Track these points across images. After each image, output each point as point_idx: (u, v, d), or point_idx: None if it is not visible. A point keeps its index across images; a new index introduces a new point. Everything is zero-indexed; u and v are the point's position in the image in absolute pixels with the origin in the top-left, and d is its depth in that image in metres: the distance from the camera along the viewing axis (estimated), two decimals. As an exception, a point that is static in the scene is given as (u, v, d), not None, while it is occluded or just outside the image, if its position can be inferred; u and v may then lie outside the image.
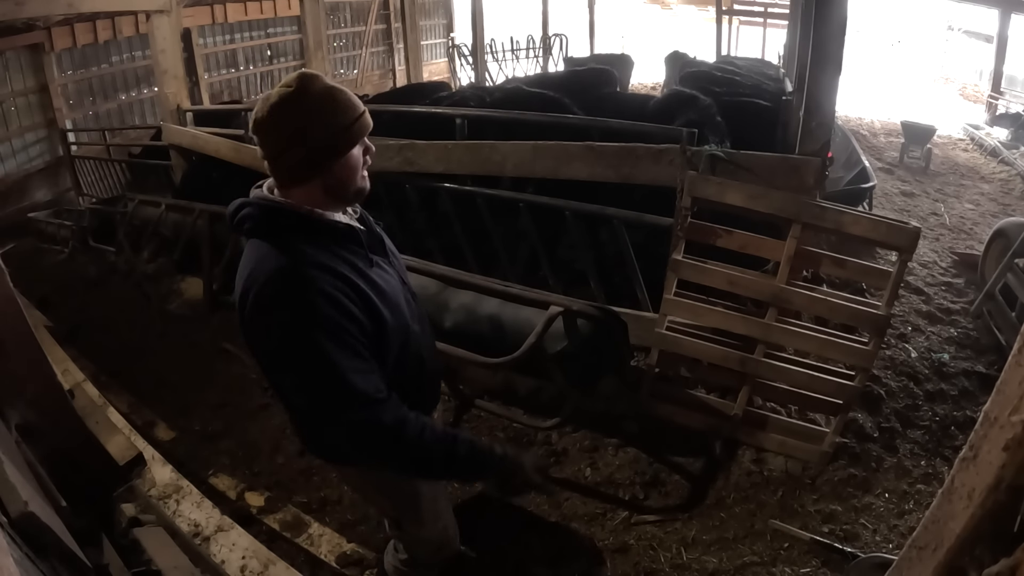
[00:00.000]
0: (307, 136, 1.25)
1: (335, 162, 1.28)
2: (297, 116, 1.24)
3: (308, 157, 1.26)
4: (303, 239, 1.27)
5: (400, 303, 1.40)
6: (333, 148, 1.27)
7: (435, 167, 3.59)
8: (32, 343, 2.25)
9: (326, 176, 1.29)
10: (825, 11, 2.61)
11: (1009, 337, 3.44)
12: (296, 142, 1.25)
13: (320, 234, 1.30)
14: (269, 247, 1.26)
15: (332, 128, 1.26)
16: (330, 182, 1.30)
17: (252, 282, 1.24)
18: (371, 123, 1.33)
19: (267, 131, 1.26)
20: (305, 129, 1.24)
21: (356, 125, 1.29)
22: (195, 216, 4.50)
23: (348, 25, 12.56)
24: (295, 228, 1.28)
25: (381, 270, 1.39)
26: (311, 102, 1.24)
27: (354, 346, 1.24)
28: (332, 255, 1.28)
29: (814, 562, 2.23)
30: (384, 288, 1.35)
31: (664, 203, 2.95)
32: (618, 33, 17.08)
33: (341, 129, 1.27)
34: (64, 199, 7.78)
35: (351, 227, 1.35)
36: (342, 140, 1.27)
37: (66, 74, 8.10)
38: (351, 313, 1.24)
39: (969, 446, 0.91)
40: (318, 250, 1.26)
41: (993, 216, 6.04)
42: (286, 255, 1.24)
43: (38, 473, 2.06)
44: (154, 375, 3.68)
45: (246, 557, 2.22)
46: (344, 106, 1.27)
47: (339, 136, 1.27)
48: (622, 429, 2.84)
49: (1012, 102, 10.43)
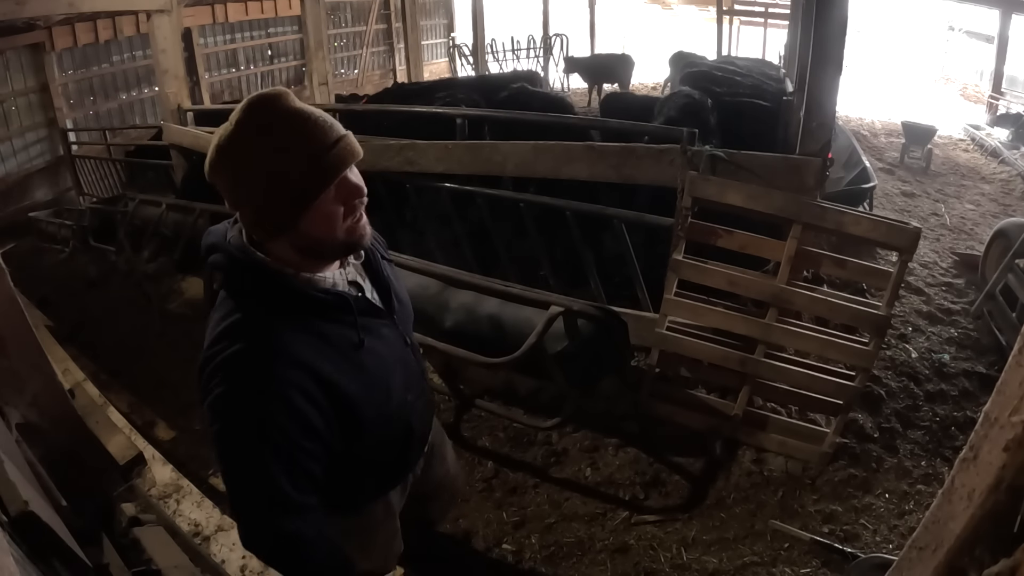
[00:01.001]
0: (248, 189, 1.00)
1: (299, 216, 1.00)
2: (234, 164, 0.99)
3: (257, 217, 1.02)
4: (277, 310, 1.04)
5: (390, 383, 1.20)
6: (286, 200, 0.99)
7: (436, 167, 3.59)
8: (32, 342, 2.25)
9: (291, 235, 1.03)
10: (826, 11, 2.61)
11: (1010, 338, 3.44)
12: (241, 198, 1.01)
13: (297, 306, 1.06)
14: (236, 317, 1.04)
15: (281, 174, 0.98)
16: (299, 242, 1.04)
17: (209, 355, 1.03)
18: (350, 153, 1.02)
19: (215, 182, 1.02)
20: (244, 181, 0.99)
21: (323, 162, 0.99)
22: (196, 215, 4.50)
23: (349, 25, 12.57)
24: (268, 295, 1.04)
25: (375, 339, 1.17)
26: (249, 144, 0.98)
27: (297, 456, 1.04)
28: (309, 336, 1.05)
29: (814, 562, 2.23)
30: (371, 370, 1.14)
31: (665, 210, 2.95)
32: (619, 33, 17.07)
33: (298, 172, 0.98)
34: (64, 199, 7.80)
35: (340, 296, 1.11)
36: (299, 187, 0.98)
37: (67, 73, 8.11)
38: (307, 423, 1.03)
39: (969, 447, 0.91)
40: (293, 330, 1.04)
41: (994, 217, 6.03)
42: (249, 336, 1.02)
43: (38, 472, 2.06)
44: (154, 375, 3.68)
45: (246, 557, 2.22)
46: (299, 138, 0.98)
47: (294, 182, 0.98)
48: (622, 429, 2.84)
49: (1013, 103, 10.42)
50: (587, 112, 9.21)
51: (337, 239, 1.06)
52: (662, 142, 3.02)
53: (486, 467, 2.74)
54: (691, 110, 3.88)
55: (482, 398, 3.01)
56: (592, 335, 2.50)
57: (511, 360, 2.52)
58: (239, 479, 1.05)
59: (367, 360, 1.13)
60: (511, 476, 2.68)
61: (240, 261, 1.04)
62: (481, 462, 2.77)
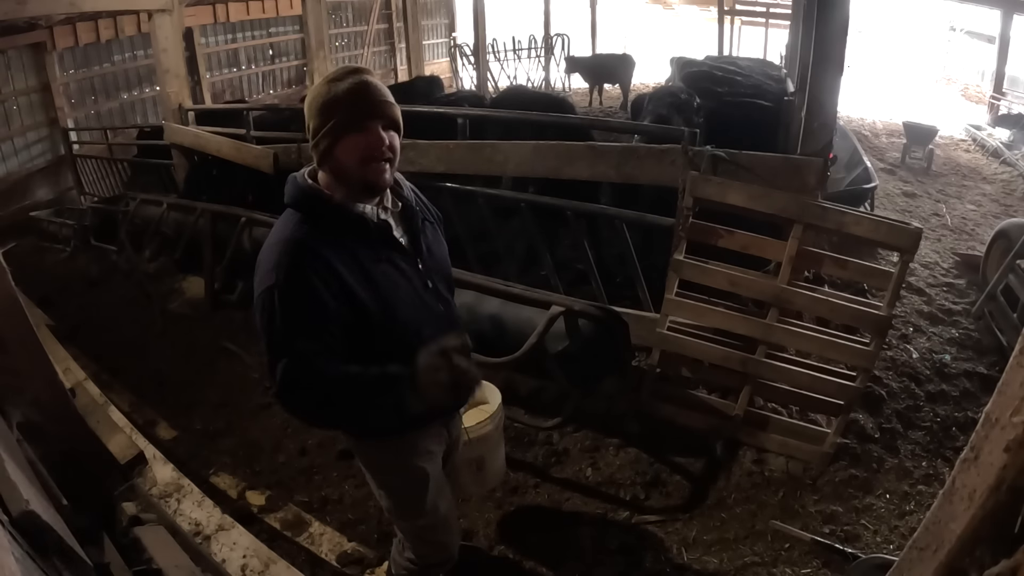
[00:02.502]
0: (314, 122, 1.37)
1: (335, 147, 1.37)
2: (312, 104, 1.37)
3: (315, 142, 1.39)
4: (313, 220, 1.39)
5: (396, 301, 1.44)
6: (329, 132, 1.36)
7: (437, 167, 3.60)
8: (34, 342, 2.25)
9: (332, 162, 1.39)
10: (827, 11, 2.61)
11: (1011, 338, 3.43)
12: (310, 128, 1.39)
13: (327, 219, 1.40)
14: (287, 219, 1.41)
15: (333, 112, 1.35)
16: (334, 167, 1.40)
17: (266, 242, 1.41)
18: (389, 116, 1.40)
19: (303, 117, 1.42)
20: (314, 115, 1.37)
21: (359, 111, 1.36)
22: (197, 215, 4.51)
23: (350, 25, 12.56)
24: (309, 208, 1.41)
25: (390, 266, 1.45)
26: (328, 91, 1.36)
27: (306, 321, 1.34)
28: (333, 240, 1.38)
29: (815, 563, 2.22)
30: (381, 283, 1.42)
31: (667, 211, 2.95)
32: (620, 33, 17.07)
33: (346, 114, 1.35)
34: (66, 198, 7.79)
35: (362, 218, 1.43)
36: (339, 124, 1.36)
37: (68, 73, 8.11)
38: (318, 297, 1.33)
39: (970, 447, 0.91)
40: (323, 233, 1.38)
41: (995, 217, 6.03)
42: (292, 229, 1.38)
43: (39, 472, 2.06)
44: (155, 374, 3.68)
45: (247, 556, 2.23)
46: (350, 94, 1.35)
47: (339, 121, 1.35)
48: (623, 429, 2.84)
49: (1014, 103, 10.41)
50: (588, 112, 9.21)
51: (356, 171, 1.39)
52: (660, 142, 3.02)
53: (487, 467, 2.74)
54: (676, 109, 3.87)
55: (483, 398, 3.01)
56: (593, 335, 2.50)
57: (512, 360, 2.52)
58: (271, 328, 1.34)
59: (378, 277, 1.42)
60: (512, 476, 2.68)
61: (298, 183, 1.43)
62: (482, 462, 2.76)
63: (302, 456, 2.89)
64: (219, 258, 4.27)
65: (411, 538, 1.77)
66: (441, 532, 1.75)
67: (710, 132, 3.45)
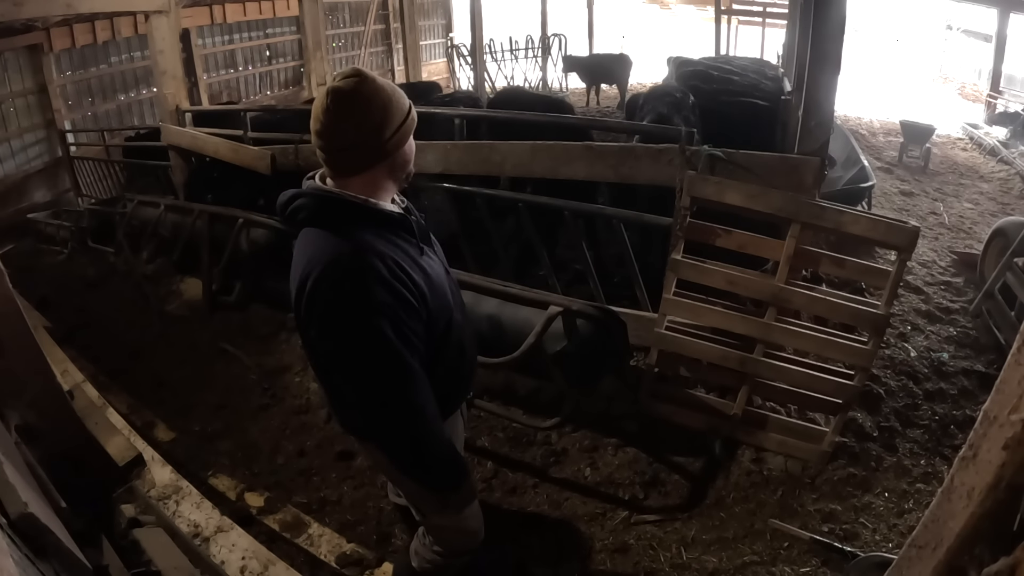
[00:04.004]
0: (384, 126, 1.33)
1: (403, 144, 1.38)
2: (372, 109, 1.32)
3: (382, 146, 1.34)
4: (359, 227, 1.34)
5: (446, 291, 1.48)
6: (405, 135, 1.37)
7: (434, 167, 3.59)
8: (31, 344, 2.25)
9: (389, 162, 1.38)
10: (824, 10, 2.61)
11: (1008, 336, 3.44)
12: (373, 133, 1.32)
13: (375, 222, 1.36)
14: (327, 235, 1.33)
15: (401, 117, 1.35)
16: (393, 165, 1.40)
17: (312, 267, 1.30)
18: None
19: (336, 124, 1.32)
20: (382, 120, 1.33)
21: (412, 112, 1.39)
22: (194, 216, 4.50)
23: (347, 25, 12.55)
24: (351, 217, 1.35)
25: (429, 259, 1.46)
26: (382, 95, 1.32)
27: (406, 332, 1.32)
28: (387, 242, 1.35)
29: (814, 561, 2.23)
30: (432, 276, 1.43)
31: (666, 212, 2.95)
32: (617, 33, 17.08)
33: (408, 118, 1.37)
34: (63, 200, 7.78)
35: (404, 216, 1.43)
36: (408, 127, 1.38)
37: (65, 75, 8.09)
38: (406, 300, 1.31)
39: (969, 445, 0.91)
40: (374, 238, 1.33)
41: (992, 215, 6.04)
42: (345, 242, 1.31)
43: (38, 474, 2.06)
44: (153, 376, 3.67)
45: (246, 558, 2.22)
46: (402, 97, 1.37)
47: (407, 124, 1.37)
48: (622, 429, 2.84)
49: (1011, 101, 10.43)
50: (585, 113, 9.21)
51: (411, 165, 1.44)
52: (657, 141, 3.02)
53: (485, 467, 2.74)
54: (675, 108, 3.86)
55: (481, 398, 3.01)
56: (591, 335, 2.50)
57: (510, 360, 2.52)
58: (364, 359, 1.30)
59: (427, 266, 1.42)
60: (510, 476, 2.68)
61: (325, 195, 1.36)
62: (480, 462, 2.76)
63: (301, 457, 2.89)
64: (217, 260, 4.27)
65: (448, 532, 1.70)
66: (474, 519, 1.71)
67: (707, 131, 3.46)
